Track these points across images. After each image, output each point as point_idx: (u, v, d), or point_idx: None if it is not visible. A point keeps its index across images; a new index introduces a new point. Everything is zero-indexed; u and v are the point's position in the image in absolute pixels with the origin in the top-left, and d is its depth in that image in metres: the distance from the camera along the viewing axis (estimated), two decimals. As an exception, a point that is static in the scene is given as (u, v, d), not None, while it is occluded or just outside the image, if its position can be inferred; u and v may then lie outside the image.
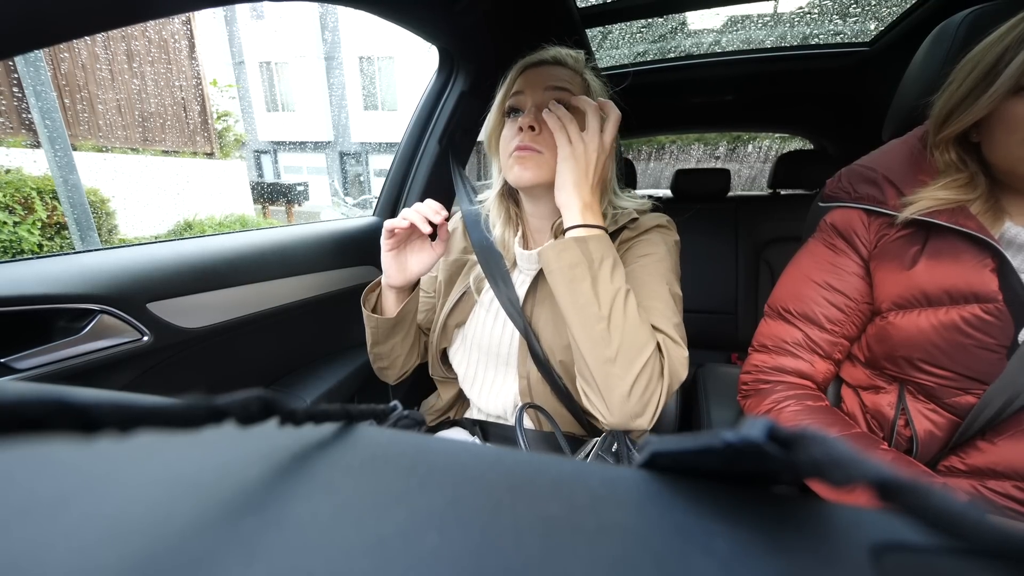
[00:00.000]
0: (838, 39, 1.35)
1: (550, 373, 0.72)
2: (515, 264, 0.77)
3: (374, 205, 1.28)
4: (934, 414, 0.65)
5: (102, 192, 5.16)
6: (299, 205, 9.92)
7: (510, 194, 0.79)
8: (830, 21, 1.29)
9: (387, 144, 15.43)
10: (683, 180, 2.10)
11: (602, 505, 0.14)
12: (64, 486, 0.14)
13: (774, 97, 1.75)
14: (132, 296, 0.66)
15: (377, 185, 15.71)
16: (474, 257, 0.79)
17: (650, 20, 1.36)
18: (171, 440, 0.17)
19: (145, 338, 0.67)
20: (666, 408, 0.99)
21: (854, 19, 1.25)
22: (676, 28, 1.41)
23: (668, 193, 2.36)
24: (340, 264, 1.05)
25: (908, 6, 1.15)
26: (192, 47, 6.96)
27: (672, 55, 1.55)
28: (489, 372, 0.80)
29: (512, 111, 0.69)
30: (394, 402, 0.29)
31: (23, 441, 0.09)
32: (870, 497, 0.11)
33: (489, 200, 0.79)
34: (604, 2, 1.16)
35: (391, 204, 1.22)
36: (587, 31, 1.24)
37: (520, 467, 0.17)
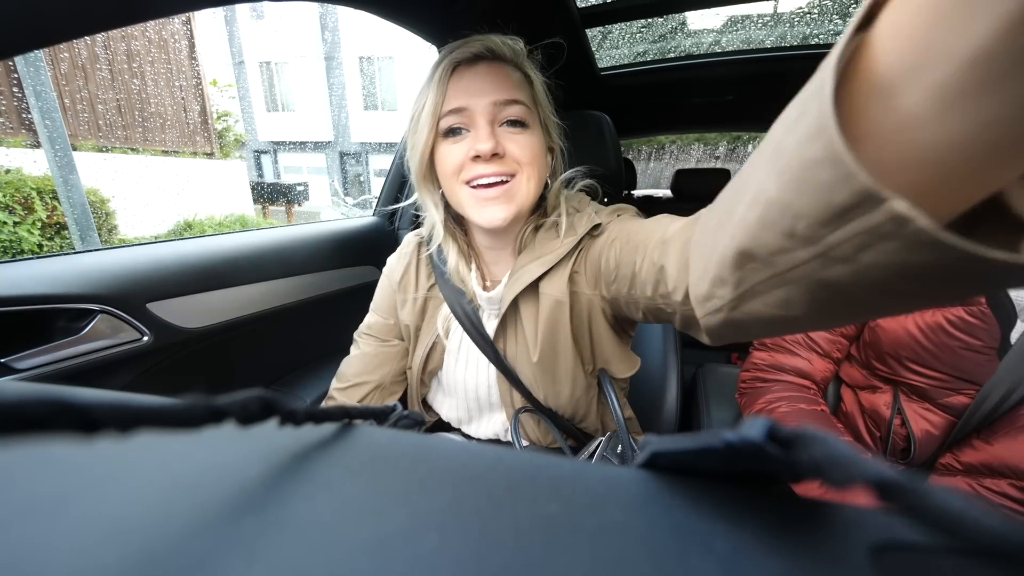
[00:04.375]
0: (838, 39, 1.35)
1: (538, 405, 0.68)
2: (478, 305, 0.68)
3: (374, 205, 1.28)
4: (930, 414, 0.66)
5: (102, 192, 5.16)
6: (299, 205, 9.91)
7: (456, 222, 0.67)
8: (830, 21, 1.28)
9: (387, 144, 15.43)
10: (683, 180, 2.10)
11: (602, 505, 0.15)
12: (64, 486, 0.14)
13: (775, 97, 1.74)
14: (132, 296, 0.66)
15: (377, 185, 15.70)
16: (440, 295, 0.69)
17: (650, 20, 1.35)
18: (170, 440, 0.17)
19: (145, 338, 0.67)
20: (667, 407, 0.98)
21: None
22: (676, 28, 1.41)
23: (668, 193, 2.35)
24: (340, 264, 1.05)
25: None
26: (192, 47, 6.96)
27: (672, 55, 1.54)
28: (473, 412, 0.75)
29: (452, 131, 0.57)
30: (394, 402, 0.29)
31: (24, 441, 0.09)
32: (870, 497, 0.11)
33: (436, 229, 0.66)
34: (604, 2, 1.16)
35: (390, 203, 1.22)
36: (587, 31, 1.24)
37: (520, 467, 0.17)
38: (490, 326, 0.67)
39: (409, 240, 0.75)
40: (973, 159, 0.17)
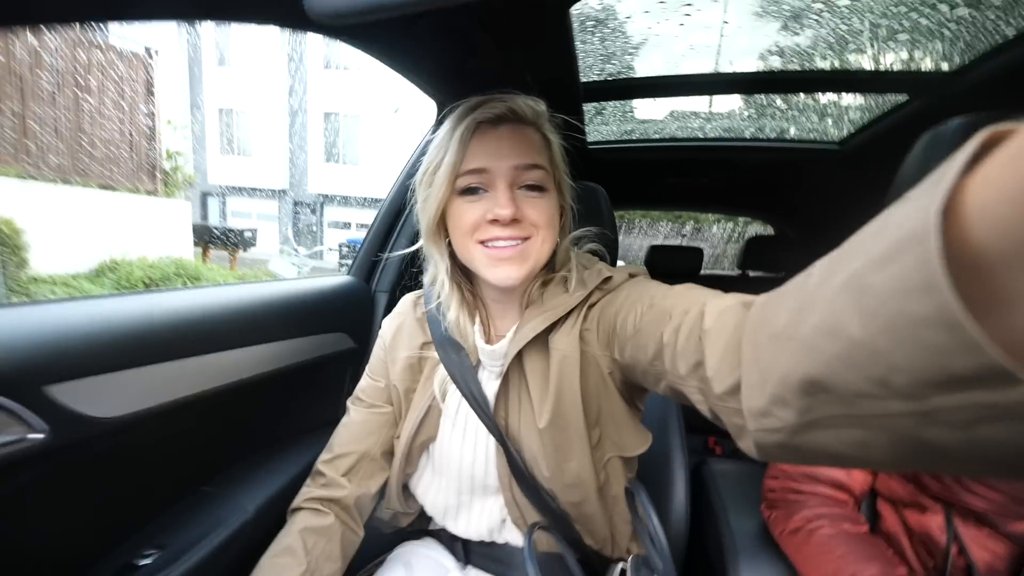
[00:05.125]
0: (812, 136, 1.46)
1: (538, 494, 0.61)
2: (479, 362, 0.64)
3: (322, 254, 1.16)
4: (992, 542, 0.59)
5: (16, 223, 4.61)
6: (244, 251, 9.38)
7: (463, 273, 0.64)
8: (808, 119, 1.39)
9: (345, 197, 15.31)
10: (657, 256, 2.15)
11: None
12: None
13: (747, 184, 1.85)
14: (24, 376, 0.48)
15: (331, 237, 15.33)
16: (435, 354, 0.65)
17: (639, 101, 1.40)
18: None
19: (39, 435, 0.48)
20: (674, 506, 0.86)
21: (830, 118, 1.36)
22: (666, 112, 1.47)
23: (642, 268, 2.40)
24: (305, 331, 0.89)
25: (878, 114, 1.26)
26: (150, 82, 6.71)
27: (656, 136, 1.61)
28: (464, 498, 0.67)
29: (470, 190, 0.56)
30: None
31: None
32: None
33: (438, 281, 0.63)
34: (605, 80, 1.17)
35: (370, 262, 1.09)
36: (584, 105, 1.25)
37: None
38: (491, 388, 0.62)
39: (406, 300, 0.73)
40: None
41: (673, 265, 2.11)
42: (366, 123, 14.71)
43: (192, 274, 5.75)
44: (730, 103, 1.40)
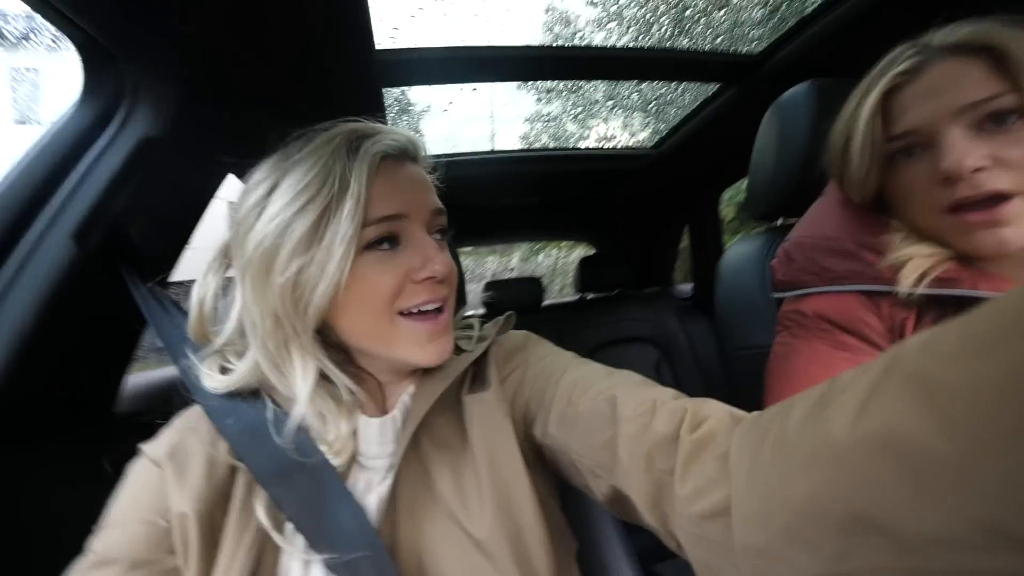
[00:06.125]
0: (632, 142, 1.42)
1: None
2: (353, 460, 0.44)
3: None
4: None
5: None
6: None
7: (344, 353, 0.47)
8: (624, 125, 1.32)
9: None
10: (496, 293, 1.93)
11: None
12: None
13: (574, 200, 1.77)
14: None
15: None
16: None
17: (450, 103, 1.11)
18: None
19: None
20: None
21: (646, 128, 1.32)
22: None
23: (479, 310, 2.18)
24: None
25: (690, 111, 1.24)
26: None
27: (478, 149, 1.36)
28: None
29: (382, 242, 0.42)
30: None
31: None
32: None
33: (300, 395, 0.42)
34: (407, 47, 0.82)
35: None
36: (385, 92, 0.88)
37: None
38: (372, 497, 0.43)
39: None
40: None
41: (514, 299, 1.93)
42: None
43: None
44: (555, 104, 1.25)
